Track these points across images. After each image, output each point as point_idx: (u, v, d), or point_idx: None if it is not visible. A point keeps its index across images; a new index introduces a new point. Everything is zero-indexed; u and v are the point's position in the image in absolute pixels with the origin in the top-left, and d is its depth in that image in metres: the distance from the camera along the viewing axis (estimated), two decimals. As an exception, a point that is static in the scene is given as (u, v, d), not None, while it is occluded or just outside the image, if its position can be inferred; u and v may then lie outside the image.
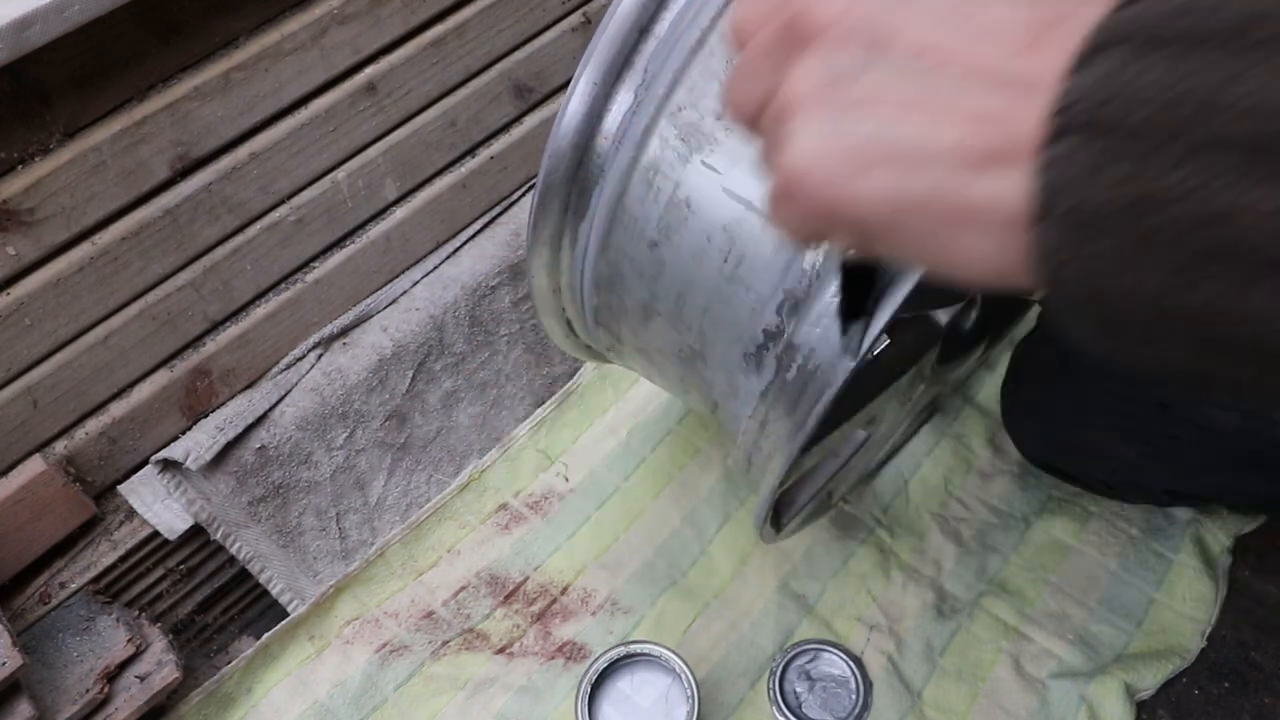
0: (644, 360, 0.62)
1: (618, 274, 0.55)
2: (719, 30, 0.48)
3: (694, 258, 0.51)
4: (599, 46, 0.50)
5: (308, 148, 0.73)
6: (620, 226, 0.53)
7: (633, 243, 0.53)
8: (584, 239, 0.55)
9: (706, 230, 0.50)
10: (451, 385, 0.86)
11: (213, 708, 0.73)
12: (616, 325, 0.59)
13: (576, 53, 0.88)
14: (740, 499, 0.82)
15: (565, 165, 0.52)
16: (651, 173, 0.51)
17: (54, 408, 0.68)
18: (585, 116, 0.51)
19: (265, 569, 0.78)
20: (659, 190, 0.51)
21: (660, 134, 0.50)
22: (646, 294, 0.54)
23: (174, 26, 0.64)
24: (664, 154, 0.50)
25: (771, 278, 0.49)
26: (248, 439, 0.74)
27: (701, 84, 0.49)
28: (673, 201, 0.51)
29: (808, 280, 0.48)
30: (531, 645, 0.75)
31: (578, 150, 0.52)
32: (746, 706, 0.71)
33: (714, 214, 0.50)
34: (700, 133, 0.49)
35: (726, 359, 0.54)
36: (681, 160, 0.50)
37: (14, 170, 0.61)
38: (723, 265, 0.51)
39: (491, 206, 0.88)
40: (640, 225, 0.52)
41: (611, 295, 0.57)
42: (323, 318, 0.80)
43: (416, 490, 0.84)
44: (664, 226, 0.51)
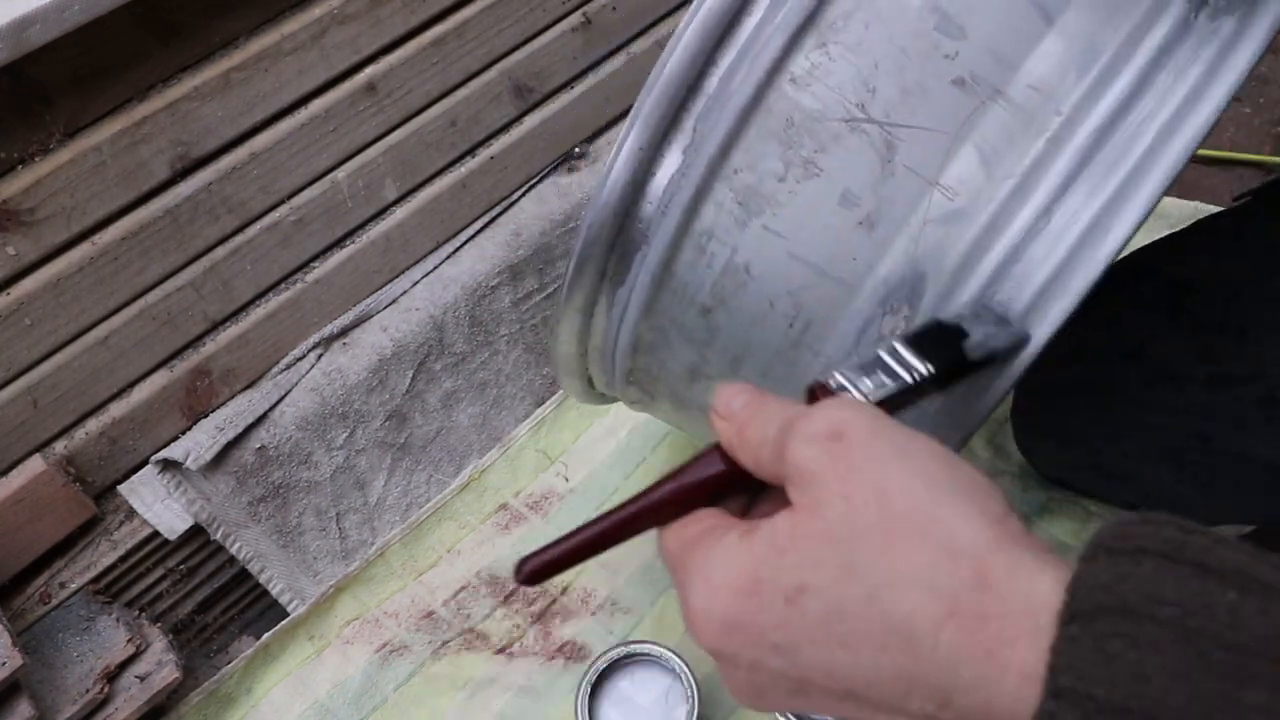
0: (677, 416, 0.59)
1: (662, 340, 0.52)
2: (777, 86, 0.44)
3: (753, 323, 0.48)
4: (645, 108, 0.46)
5: (308, 148, 0.73)
6: (668, 293, 0.49)
7: (682, 309, 0.50)
8: (621, 305, 0.51)
9: (769, 296, 0.47)
10: (451, 385, 0.85)
11: (213, 708, 0.73)
12: (653, 385, 0.56)
13: (577, 52, 0.88)
14: (740, 499, 0.81)
15: (607, 232, 0.48)
16: (705, 238, 0.47)
17: (54, 408, 0.68)
18: (629, 182, 0.47)
19: (265, 569, 0.78)
20: (713, 256, 0.47)
21: (715, 198, 0.46)
22: (695, 358, 0.51)
23: (174, 27, 0.64)
24: (719, 219, 0.47)
25: (844, 343, 0.46)
26: (248, 439, 0.74)
27: (758, 145, 0.45)
28: (729, 267, 0.47)
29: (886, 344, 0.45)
30: (531, 645, 0.75)
31: (620, 216, 0.48)
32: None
33: (777, 280, 0.46)
34: (760, 195, 0.46)
35: None
36: (739, 225, 0.46)
37: (14, 170, 0.61)
38: (788, 331, 0.47)
39: (491, 206, 0.88)
40: (691, 292, 0.49)
41: (651, 359, 0.53)
42: (323, 318, 0.80)
43: (416, 490, 0.84)
44: (719, 292, 0.48)
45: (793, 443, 0.30)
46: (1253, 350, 0.60)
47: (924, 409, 0.49)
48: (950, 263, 0.43)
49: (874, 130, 0.44)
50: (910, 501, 0.28)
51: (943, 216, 0.43)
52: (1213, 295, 0.63)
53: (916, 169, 0.43)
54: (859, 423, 0.30)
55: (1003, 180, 0.42)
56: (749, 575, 0.29)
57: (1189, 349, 0.63)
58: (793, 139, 0.44)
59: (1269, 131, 1.07)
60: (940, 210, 0.43)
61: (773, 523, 0.30)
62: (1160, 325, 0.66)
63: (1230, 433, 0.62)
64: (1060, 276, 0.41)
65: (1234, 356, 0.61)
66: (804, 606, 0.28)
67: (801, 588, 0.28)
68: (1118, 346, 0.68)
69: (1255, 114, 1.09)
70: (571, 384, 0.61)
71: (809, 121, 0.44)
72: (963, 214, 0.43)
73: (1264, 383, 0.60)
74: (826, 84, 0.44)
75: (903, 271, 0.44)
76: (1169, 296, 0.66)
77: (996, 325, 0.41)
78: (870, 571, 0.27)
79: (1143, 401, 0.65)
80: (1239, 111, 1.09)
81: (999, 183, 0.42)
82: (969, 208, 0.43)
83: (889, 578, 0.27)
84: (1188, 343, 0.63)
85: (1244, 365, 0.60)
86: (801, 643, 0.28)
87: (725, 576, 0.30)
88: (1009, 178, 0.42)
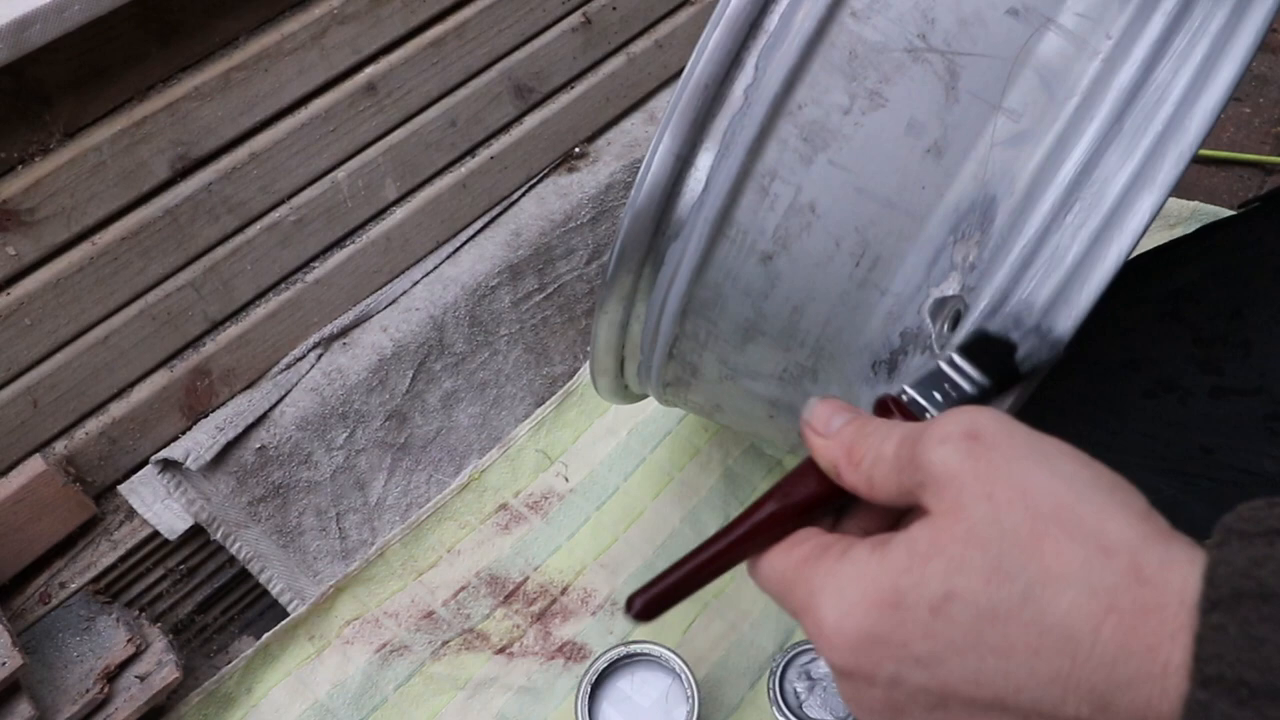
0: (718, 392, 0.57)
1: (717, 296, 0.50)
2: (838, 20, 0.45)
3: (817, 266, 0.47)
4: (707, 48, 0.46)
5: (308, 148, 0.73)
6: (726, 242, 0.48)
7: (740, 258, 0.49)
8: (674, 262, 0.50)
9: (835, 235, 0.46)
10: (451, 385, 0.86)
11: (213, 708, 0.73)
12: (698, 356, 0.54)
13: (577, 52, 0.88)
14: (741, 499, 0.82)
15: (664, 183, 0.48)
16: (768, 179, 0.46)
17: (54, 408, 0.68)
18: (691, 125, 0.46)
19: (265, 569, 0.78)
20: (776, 197, 0.46)
21: (779, 136, 0.46)
22: (751, 313, 0.50)
23: (174, 27, 0.64)
24: (783, 157, 0.46)
25: (914, 277, 0.45)
26: (248, 439, 0.74)
27: (823, 79, 0.45)
28: (794, 207, 0.46)
29: (959, 275, 0.44)
30: (531, 645, 0.75)
31: (679, 163, 0.47)
32: (746, 706, 0.71)
33: (844, 216, 0.46)
34: (825, 130, 0.45)
35: (847, 372, 0.49)
36: (804, 162, 0.46)
37: (14, 170, 0.61)
38: (853, 270, 0.46)
39: (491, 206, 0.88)
40: (751, 238, 0.48)
41: (701, 321, 0.52)
42: (323, 318, 0.80)
43: (416, 490, 0.84)
44: (782, 236, 0.47)
45: (927, 447, 0.29)
46: (1257, 364, 0.60)
47: None
48: (1021, 183, 0.43)
49: (936, 59, 0.44)
50: (1055, 500, 0.27)
51: (1009, 139, 0.44)
52: (1216, 307, 0.63)
53: (980, 94, 0.44)
54: (993, 424, 0.30)
55: (1065, 100, 0.43)
56: (889, 587, 0.28)
57: (1191, 360, 0.63)
58: (856, 71, 0.45)
59: (1269, 131, 1.07)
60: (1006, 133, 0.44)
61: (909, 533, 0.29)
62: (1162, 335, 0.65)
63: (1234, 446, 0.61)
64: (1138, 182, 0.41)
65: (1238, 370, 0.61)
66: (951, 614, 0.27)
67: (949, 595, 0.27)
68: (1118, 356, 0.68)
69: (1255, 114, 1.09)
70: (604, 361, 0.59)
71: (872, 53, 0.45)
72: (1029, 135, 0.43)
73: (1268, 396, 0.59)
74: (887, 16, 0.45)
75: (973, 196, 0.44)
76: (1171, 305, 0.66)
77: (1039, 339, 0.41)
78: (1022, 572, 0.26)
79: (1144, 413, 0.65)
80: (1239, 111, 1.09)
81: (1062, 103, 0.43)
82: (1035, 129, 0.43)
83: (1042, 577, 0.26)
84: (1190, 354, 0.63)
85: (1248, 379, 0.60)
86: (948, 653, 0.27)
87: (861, 590, 0.29)
88: (1071, 97, 0.43)
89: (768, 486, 0.87)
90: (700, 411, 0.63)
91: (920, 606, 0.28)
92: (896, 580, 0.28)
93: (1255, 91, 1.12)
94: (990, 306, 0.42)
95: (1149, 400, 0.65)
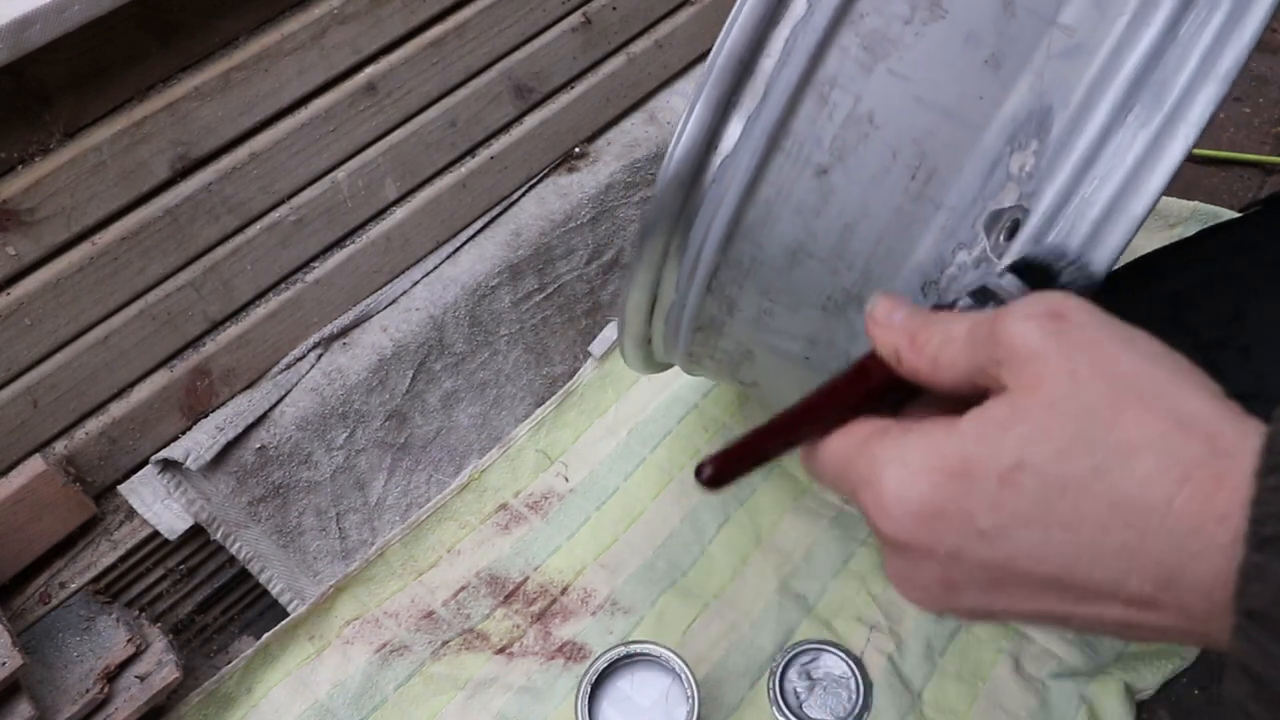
0: (752, 334, 0.55)
1: (766, 216, 0.50)
2: None
3: (873, 179, 0.47)
4: None
5: (308, 148, 0.73)
6: (781, 154, 0.48)
7: (795, 172, 0.48)
8: (725, 181, 0.49)
9: (893, 146, 0.46)
10: (451, 385, 0.86)
11: (213, 708, 0.73)
12: (738, 288, 0.53)
13: (577, 52, 0.88)
14: (740, 500, 0.82)
15: (721, 96, 0.47)
16: (828, 87, 0.46)
17: (54, 408, 0.68)
18: (757, 25, 0.46)
19: (265, 569, 0.78)
20: (835, 106, 0.46)
21: (840, 44, 0.46)
22: (801, 233, 0.49)
23: (174, 27, 0.64)
24: (843, 65, 0.46)
25: (970, 190, 0.46)
26: (248, 439, 0.74)
27: None
28: (852, 117, 0.46)
29: (1016, 186, 0.45)
30: (531, 645, 0.75)
31: (738, 70, 0.47)
32: (746, 706, 0.71)
33: (902, 126, 0.46)
34: (886, 39, 0.46)
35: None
36: (864, 71, 0.46)
37: (14, 170, 0.61)
38: (909, 184, 0.47)
39: (491, 206, 0.88)
40: (808, 150, 0.48)
41: (747, 246, 0.51)
42: (323, 318, 0.80)
43: (416, 490, 0.84)
44: (838, 148, 0.47)
45: (1008, 324, 0.29)
46: (1256, 368, 0.60)
47: None
48: (1078, 94, 0.44)
49: None
50: (1137, 376, 0.28)
51: (1064, 51, 0.45)
52: (1216, 311, 0.63)
53: (1036, 10, 0.45)
54: (1076, 306, 0.30)
55: (1117, 17, 0.44)
56: (957, 456, 0.28)
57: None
58: None
59: (1269, 131, 1.07)
60: (1061, 46, 0.45)
61: (982, 407, 0.29)
62: (1160, 337, 0.65)
63: None
64: (1198, 78, 0.42)
65: (1237, 375, 0.61)
66: (1020, 485, 0.27)
67: (1019, 464, 0.27)
68: None
69: (1255, 114, 1.09)
70: (638, 299, 0.57)
71: None
72: (1083, 48, 0.45)
73: (1266, 401, 0.59)
74: None
75: (1030, 106, 0.45)
76: (1171, 310, 0.66)
77: (1077, 270, 0.42)
78: (1099, 444, 0.26)
79: None
80: (1239, 111, 1.09)
81: (1113, 20, 0.44)
82: (1088, 42, 0.45)
83: (1120, 448, 0.26)
84: (1188, 357, 0.63)
85: (1246, 383, 0.60)
86: (1013, 525, 0.27)
87: (928, 460, 0.29)
88: (1122, 14, 0.44)
89: (767, 487, 0.88)
90: (725, 366, 0.61)
91: (989, 476, 0.27)
92: (966, 449, 0.28)
93: (1255, 91, 1.12)
94: (1050, 210, 0.43)
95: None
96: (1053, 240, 0.43)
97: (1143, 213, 0.42)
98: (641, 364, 0.66)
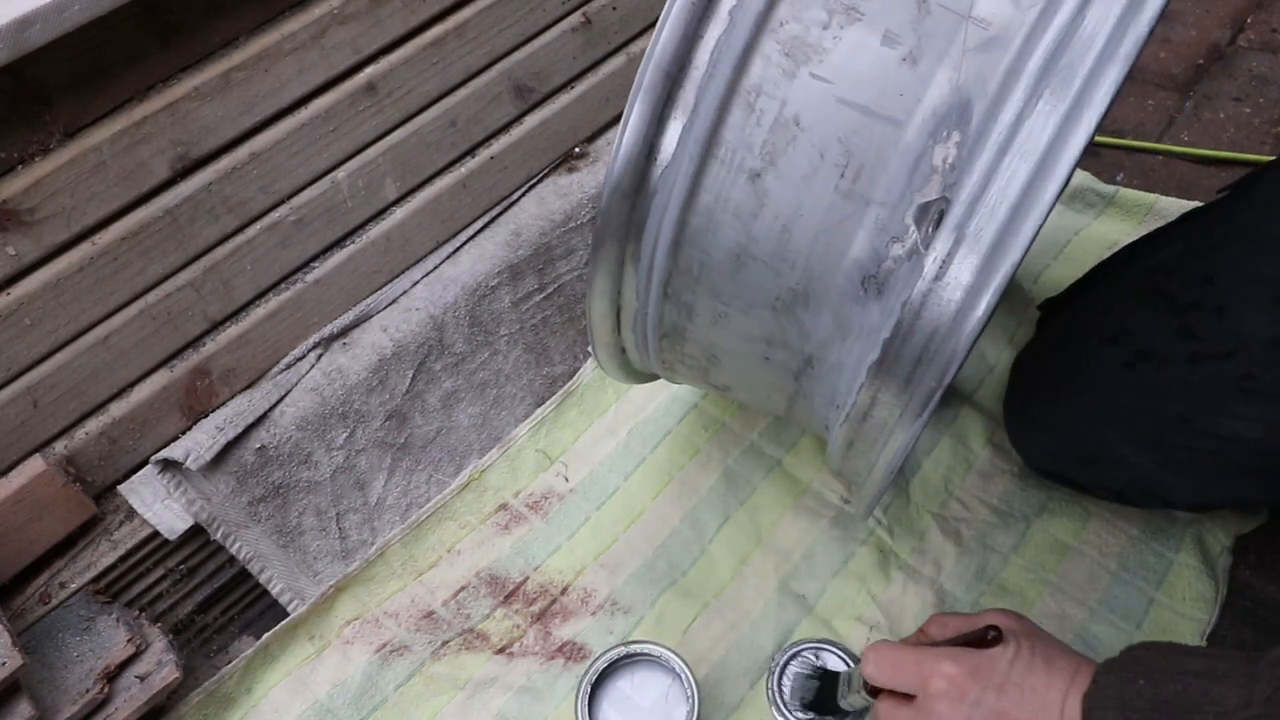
0: (713, 337, 0.58)
1: (708, 221, 0.52)
2: None
3: (804, 180, 0.49)
4: None
5: (308, 148, 0.73)
6: (716, 161, 0.50)
7: (730, 178, 0.50)
8: (666, 189, 0.51)
9: (819, 146, 0.48)
10: (451, 385, 0.86)
11: (213, 708, 0.73)
12: (692, 293, 0.55)
13: (577, 52, 0.88)
14: (740, 499, 0.82)
15: (653, 108, 0.49)
16: (753, 95, 0.48)
17: (54, 408, 0.68)
18: (680, 40, 0.48)
19: (265, 569, 0.78)
20: (762, 113, 0.48)
21: (762, 52, 0.48)
22: (742, 236, 0.51)
23: (174, 27, 0.64)
24: (767, 73, 0.48)
25: (897, 184, 0.47)
26: (248, 439, 0.74)
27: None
28: (779, 121, 0.48)
29: (940, 177, 0.46)
30: (531, 645, 0.75)
31: (669, 78, 0.49)
32: (746, 706, 0.71)
33: (827, 127, 0.48)
34: (806, 44, 0.48)
35: (838, 291, 0.51)
36: (787, 76, 0.48)
37: (14, 170, 0.61)
38: (839, 182, 0.48)
39: (491, 206, 0.88)
40: (739, 156, 0.49)
41: (694, 251, 0.53)
42: (323, 318, 0.80)
43: (416, 490, 0.84)
44: (769, 152, 0.49)
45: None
46: (1230, 328, 0.61)
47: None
48: (994, 85, 0.46)
49: None
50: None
51: (980, 44, 0.46)
52: (1190, 277, 0.65)
53: (950, 6, 0.47)
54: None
55: (1030, 7, 0.46)
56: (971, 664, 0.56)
57: (1168, 329, 0.65)
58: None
59: (1269, 131, 1.07)
60: (977, 39, 0.46)
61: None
62: (1140, 307, 0.67)
63: (1210, 413, 0.63)
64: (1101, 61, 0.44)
65: (1212, 333, 0.62)
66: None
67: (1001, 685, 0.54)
68: (1100, 331, 0.69)
69: (1255, 114, 1.09)
70: (600, 323, 0.60)
71: None
72: (998, 40, 0.46)
73: (1242, 359, 0.61)
74: None
75: (949, 99, 0.47)
76: (1148, 279, 0.68)
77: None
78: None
79: (1124, 384, 0.66)
80: (1239, 111, 1.09)
81: (1026, 10, 0.46)
82: (1003, 35, 0.46)
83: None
84: (1166, 323, 0.65)
85: (1223, 342, 0.62)
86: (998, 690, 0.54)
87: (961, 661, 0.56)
88: (1034, 5, 0.46)
89: (767, 486, 0.88)
90: (697, 371, 0.63)
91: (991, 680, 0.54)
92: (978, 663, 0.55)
93: (1255, 91, 1.12)
94: (970, 199, 0.45)
95: (1128, 371, 0.66)
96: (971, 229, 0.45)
97: (1052, 198, 0.44)
98: (619, 373, 0.66)
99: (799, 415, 0.62)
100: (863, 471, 0.56)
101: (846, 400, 0.53)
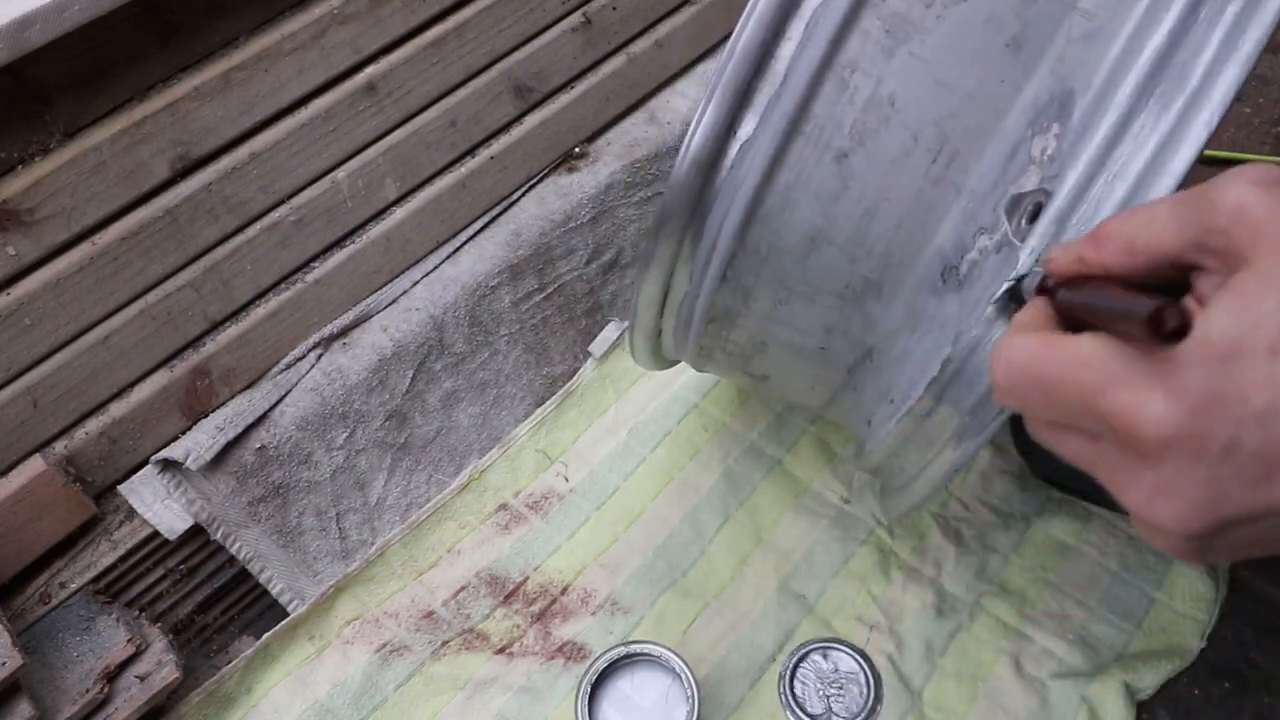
0: (766, 326, 0.55)
1: (785, 202, 0.49)
2: None
3: (893, 163, 0.47)
4: None
5: (308, 148, 0.73)
6: (801, 139, 0.47)
7: (815, 156, 0.48)
8: (744, 164, 0.48)
9: (914, 129, 0.46)
10: (451, 385, 0.86)
11: (213, 708, 0.73)
12: (754, 277, 0.52)
13: (577, 52, 0.88)
14: (740, 499, 0.82)
15: (740, 79, 0.47)
16: (848, 71, 0.46)
17: (54, 408, 0.68)
18: (777, 8, 0.46)
19: (265, 569, 0.78)
20: (856, 90, 0.46)
21: (861, 27, 0.46)
22: (820, 219, 0.49)
23: (174, 27, 0.64)
24: (865, 49, 0.46)
25: (991, 173, 0.46)
26: (248, 439, 0.74)
27: None
28: (873, 101, 0.46)
29: (1037, 169, 0.45)
30: (531, 645, 0.75)
31: (762, 49, 0.46)
32: (746, 706, 0.71)
33: (924, 109, 0.46)
34: (908, 22, 0.46)
35: (915, 281, 0.49)
36: (886, 54, 0.46)
37: (14, 170, 0.61)
38: (930, 168, 0.46)
39: (491, 206, 0.88)
40: (828, 134, 0.47)
41: (764, 232, 0.50)
42: (323, 318, 0.80)
43: (416, 490, 0.84)
44: (859, 131, 0.47)
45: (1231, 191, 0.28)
46: None
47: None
48: (1098, 79, 0.44)
49: None
50: None
51: (1084, 35, 0.45)
52: None
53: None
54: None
55: (1136, 1, 0.44)
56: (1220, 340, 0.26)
57: None
58: None
59: (1269, 131, 1.07)
60: (1081, 30, 0.45)
61: (1229, 284, 0.27)
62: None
63: None
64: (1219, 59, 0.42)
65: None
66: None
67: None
68: None
69: (1255, 114, 1.09)
70: (651, 292, 0.56)
71: None
72: (1103, 32, 0.45)
73: None
74: None
75: (1051, 89, 0.45)
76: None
77: None
78: None
79: None
80: (1239, 111, 1.09)
81: (1133, 4, 0.45)
82: (1109, 26, 0.44)
83: None
84: None
85: None
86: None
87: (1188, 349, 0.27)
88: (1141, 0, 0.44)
89: (767, 486, 0.88)
90: (736, 360, 0.60)
91: (1257, 352, 0.25)
92: (1226, 327, 0.26)
93: (1255, 91, 1.12)
94: (1074, 193, 0.43)
95: None
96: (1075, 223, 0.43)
97: (1167, 194, 0.42)
98: (650, 359, 0.65)
99: (839, 408, 0.59)
100: (908, 471, 0.54)
101: (910, 394, 0.50)
